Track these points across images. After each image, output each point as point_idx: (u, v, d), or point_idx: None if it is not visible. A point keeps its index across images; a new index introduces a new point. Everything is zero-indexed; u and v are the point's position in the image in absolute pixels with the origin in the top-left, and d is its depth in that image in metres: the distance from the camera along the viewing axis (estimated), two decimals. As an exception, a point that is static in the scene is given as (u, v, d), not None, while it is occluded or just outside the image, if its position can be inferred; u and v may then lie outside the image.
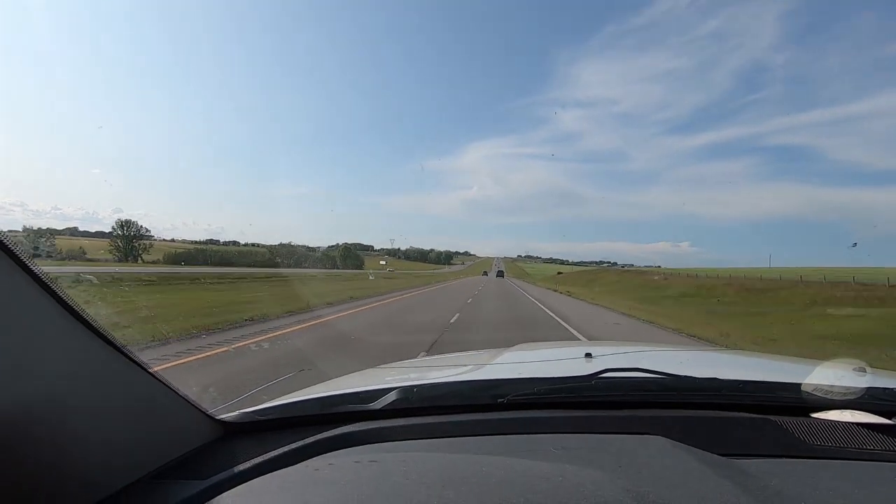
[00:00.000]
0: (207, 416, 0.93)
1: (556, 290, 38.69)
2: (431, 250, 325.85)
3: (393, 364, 1.81)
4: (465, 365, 1.52)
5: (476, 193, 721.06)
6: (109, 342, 0.71)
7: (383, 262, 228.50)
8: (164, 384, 0.82)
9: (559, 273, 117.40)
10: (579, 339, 8.84)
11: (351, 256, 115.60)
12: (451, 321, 12.02)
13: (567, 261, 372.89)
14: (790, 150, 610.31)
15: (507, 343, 2.48)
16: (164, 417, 0.83)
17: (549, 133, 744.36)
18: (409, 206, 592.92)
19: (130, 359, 0.75)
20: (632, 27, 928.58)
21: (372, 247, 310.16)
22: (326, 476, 0.70)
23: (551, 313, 15.78)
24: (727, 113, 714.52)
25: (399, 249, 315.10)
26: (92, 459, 0.67)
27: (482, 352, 2.02)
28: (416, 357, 4.63)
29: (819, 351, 9.61)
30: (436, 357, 2.61)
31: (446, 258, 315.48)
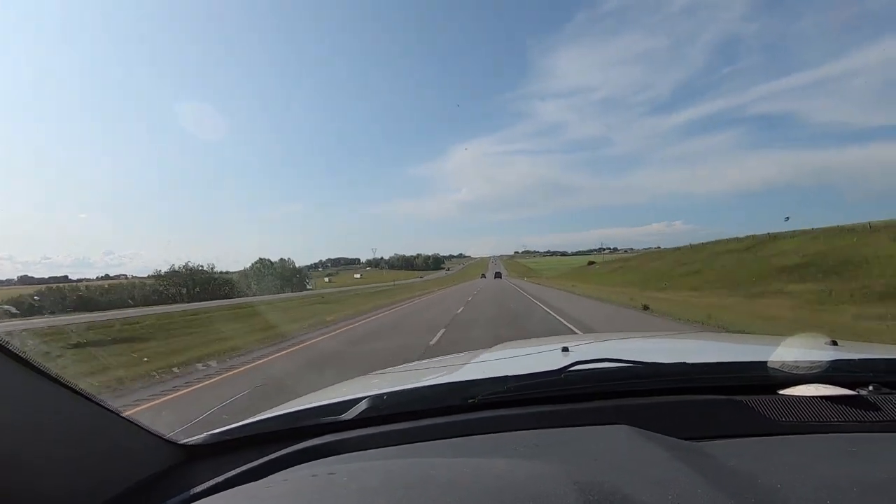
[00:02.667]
0: (165, 440, 0.92)
1: None
2: (417, 255, 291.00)
3: (368, 374, 1.78)
4: (441, 368, 1.53)
5: (466, 195, 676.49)
6: (43, 372, 0.70)
7: (358, 276, 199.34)
8: (112, 412, 0.81)
9: (591, 263, 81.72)
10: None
11: (272, 275, 79.34)
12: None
13: (566, 252, 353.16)
14: (772, 117, 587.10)
15: None
16: (114, 446, 0.81)
17: (533, 127, 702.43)
18: (400, 215, 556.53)
19: (71, 389, 0.74)
20: (603, 11, 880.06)
21: (358, 259, 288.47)
22: (276, 491, 0.68)
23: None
24: (706, 87, 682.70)
25: (382, 259, 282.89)
26: (33, 492, 0.65)
27: (461, 354, 1.97)
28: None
29: None
30: (413, 363, 2.08)
31: (435, 263, 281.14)
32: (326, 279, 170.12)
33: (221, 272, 75.86)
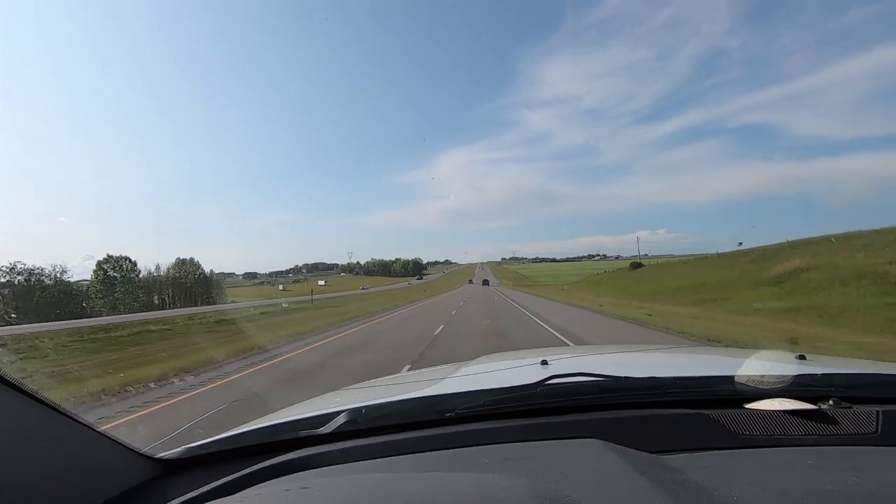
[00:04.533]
0: (140, 454, 0.91)
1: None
2: (396, 260, 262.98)
3: (348, 387, 1.78)
4: (421, 382, 1.54)
5: (453, 202, 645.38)
6: (5, 381, 0.68)
7: (322, 283, 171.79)
8: (85, 425, 0.80)
9: (637, 265, 52.98)
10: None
11: (123, 281, 51.68)
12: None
13: (554, 258, 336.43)
14: (753, 129, 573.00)
15: None
16: (87, 460, 0.80)
17: (520, 135, 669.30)
18: (385, 222, 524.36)
19: (39, 400, 0.72)
20: (589, 23, 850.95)
21: (337, 264, 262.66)
22: None
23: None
24: (689, 98, 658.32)
25: (358, 264, 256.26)
26: None
27: (442, 367, 2.00)
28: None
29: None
30: (393, 376, 2.13)
31: (415, 269, 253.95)
32: (281, 287, 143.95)
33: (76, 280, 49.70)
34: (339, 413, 0.98)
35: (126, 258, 52.86)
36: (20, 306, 45.73)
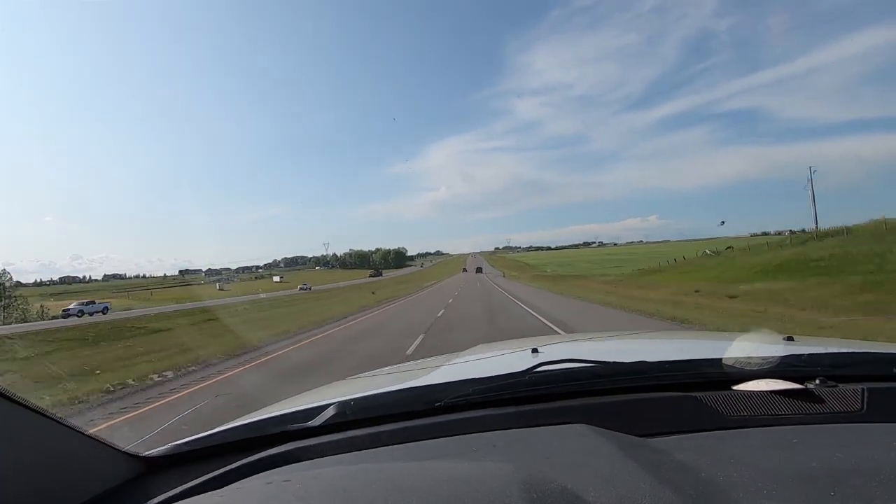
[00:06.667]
0: (123, 453, 0.90)
1: None
2: (376, 250, 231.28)
3: (340, 380, 1.79)
4: (414, 372, 1.54)
5: (445, 193, 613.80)
6: None
7: (277, 279, 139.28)
8: (66, 425, 0.80)
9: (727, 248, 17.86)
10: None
11: None
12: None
13: (549, 247, 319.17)
14: (742, 113, 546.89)
15: None
16: (69, 459, 0.79)
17: (510, 124, 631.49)
18: (379, 216, 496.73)
19: (20, 403, 0.71)
20: (577, 8, 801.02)
21: (316, 257, 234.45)
22: (226, 500, 0.68)
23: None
24: (679, 84, 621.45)
25: (334, 255, 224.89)
26: None
27: (435, 357, 2.01)
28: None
29: None
30: (387, 368, 2.09)
31: (397, 260, 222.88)
32: (218, 286, 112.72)
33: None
34: (327, 406, 0.98)
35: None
36: None
